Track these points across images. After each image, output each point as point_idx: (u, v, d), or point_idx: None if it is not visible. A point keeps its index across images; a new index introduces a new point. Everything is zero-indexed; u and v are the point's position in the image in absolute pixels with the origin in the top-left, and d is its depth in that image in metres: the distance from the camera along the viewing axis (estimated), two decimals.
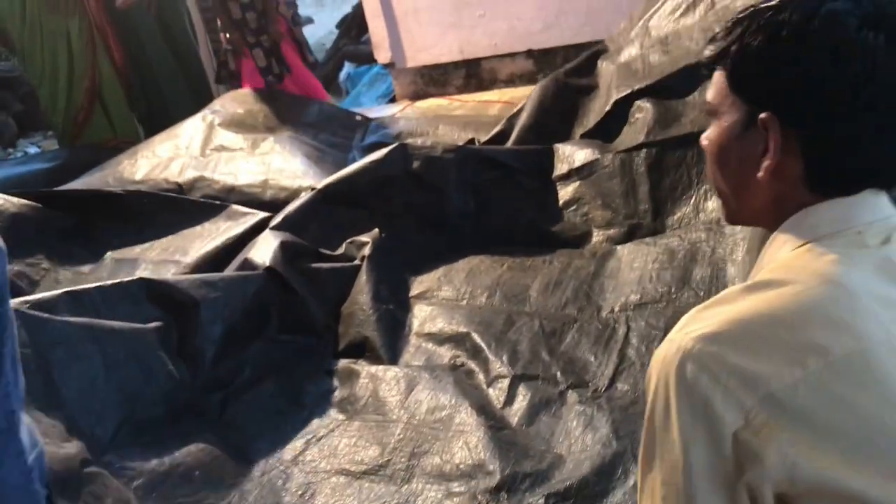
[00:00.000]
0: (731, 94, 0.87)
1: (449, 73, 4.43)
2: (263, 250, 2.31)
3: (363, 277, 2.39)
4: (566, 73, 3.05)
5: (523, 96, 3.84)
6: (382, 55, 4.46)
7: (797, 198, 0.84)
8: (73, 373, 1.72)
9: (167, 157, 3.24)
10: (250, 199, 2.88)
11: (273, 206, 2.77)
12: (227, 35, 3.83)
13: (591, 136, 2.76)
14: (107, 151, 3.71)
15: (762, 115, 0.83)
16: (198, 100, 4.08)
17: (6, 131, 5.75)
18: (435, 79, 4.45)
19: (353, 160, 3.35)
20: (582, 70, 2.97)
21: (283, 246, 2.31)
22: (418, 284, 2.49)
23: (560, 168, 2.72)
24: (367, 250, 2.46)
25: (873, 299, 0.78)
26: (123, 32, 4.05)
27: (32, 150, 5.52)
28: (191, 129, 3.39)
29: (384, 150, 2.68)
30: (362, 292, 2.35)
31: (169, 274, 2.44)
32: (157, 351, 1.88)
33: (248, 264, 2.27)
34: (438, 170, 2.64)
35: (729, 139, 0.88)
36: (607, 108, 2.68)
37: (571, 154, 2.71)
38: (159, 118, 3.95)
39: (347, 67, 5.33)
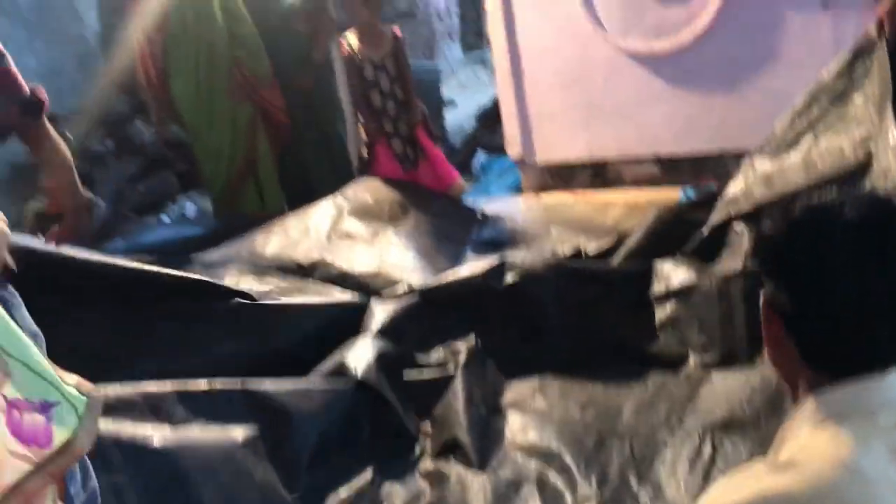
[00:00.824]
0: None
1: (575, 171, 4.55)
2: (360, 358, 2.47)
3: (458, 382, 2.50)
4: (685, 208, 3.10)
5: (646, 200, 3.91)
6: (513, 150, 4.65)
7: (806, 375, 0.91)
8: (171, 484, 1.89)
9: (296, 237, 3.52)
10: (363, 286, 3.08)
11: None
12: (367, 124, 4.14)
13: (691, 254, 2.80)
14: (254, 222, 4.06)
15: (762, 297, 0.92)
16: (340, 184, 4.44)
17: (169, 188, 6.42)
18: (562, 175, 4.58)
19: (466, 253, 3.51)
20: (701, 205, 3.00)
21: (380, 357, 2.46)
22: (512, 393, 2.58)
23: (658, 287, 2.76)
24: (462, 356, 2.58)
25: (887, 485, 0.82)
26: (286, 117, 4.46)
27: (190, 206, 6.13)
28: (321, 213, 3.68)
29: (485, 265, 2.82)
30: (456, 397, 2.47)
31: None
32: (252, 458, 2.04)
33: (342, 369, 2.43)
34: (537, 284, 2.75)
35: (763, 313, 0.96)
36: (706, 232, 2.72)
37: (670, 274, 2.75)
38: (304, 198, 4.30)
39: (481, 155, 5.57)
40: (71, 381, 1.30)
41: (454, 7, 10.14)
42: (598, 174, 4.50)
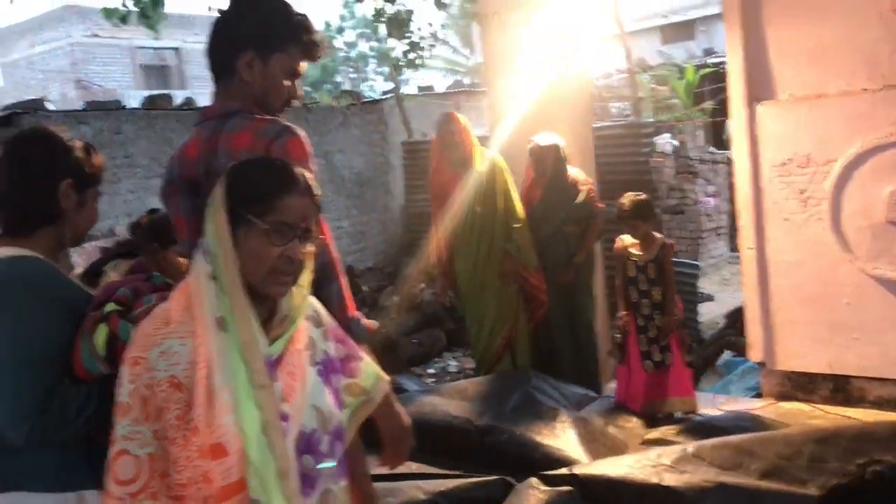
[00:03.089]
0: None
1: (816, 382, 4.64)
2: None
3: None
4: None
5: (891, 423, 3.89)
6: (755, 354, 4.86)
7: None
8: None
9: None
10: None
11: None
12: (622, 316, 4.63)
13: None
14: None
15: None
16: (585, 372, 4.97)
17: (437, 344, 7.33)
18: (802, 385, 4.69)
19: None
20: None
21: None
22: None
23: None
24: None
25: None
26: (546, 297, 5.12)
27: (453, 363, 6.94)
28: None
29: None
30: None
31: None
32: None
33: None
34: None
35: None
36: None
37: None
38: (547, 372, 4.85)
39: (727, 354, 5.80)
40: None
41: (724, 206, 10.52)
42: (840, 388, 4.56)
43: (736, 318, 6.01)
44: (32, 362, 1.72)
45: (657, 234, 4.63)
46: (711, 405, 4.71)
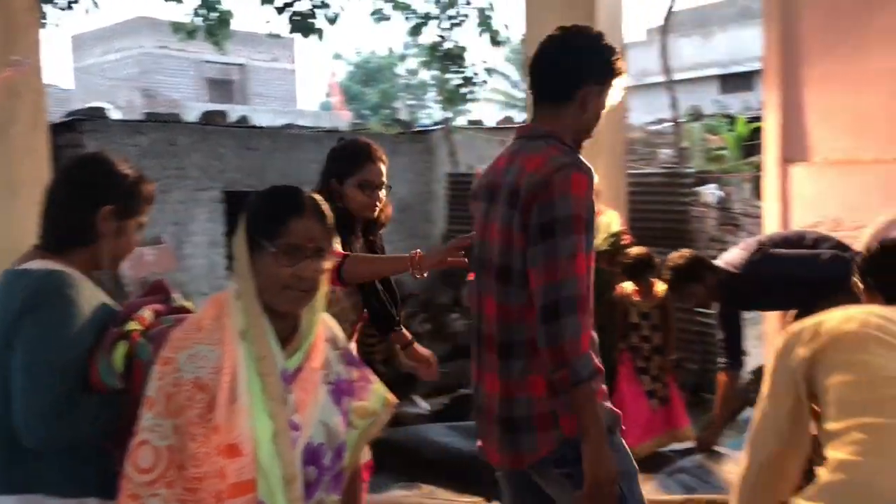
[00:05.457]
0: None
1: None
2: None
3: None
4: None
5: None
6: None
7: None
8: None
9: None
10: None
11: None
12: (620, 354, 4.71)
13: None
14: None
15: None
16: None
17: (465, 375, 7.34)
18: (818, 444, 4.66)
19: None
20: None
21: None
22: None
23: None
24: None
25: None
26: None
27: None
28: None
29: None
30: None
31: None
32: None
33: None
34: None
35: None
36: None
37: None
38: None
39: (749, 410, 5.76)
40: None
41: None
42: None
43: (760, 375, 5.96)
44: (55, 368, 1.78)
45: (658, 284, 4.70)
46: (733, 462, 4.69)
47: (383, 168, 2.95)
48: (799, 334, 1.80)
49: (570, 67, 2.14)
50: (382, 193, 2.95)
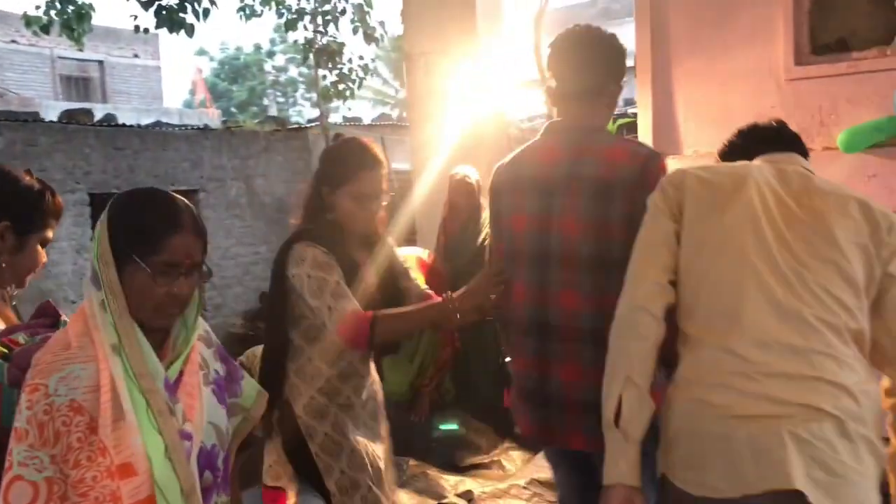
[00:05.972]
0: None
1: None
2: None
3: None
4: None
5: None
6: None
7: None
8: None
9: None
10: None
11: None
12: None
13: None
14: None
15: None
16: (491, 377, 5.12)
17: None
18: None
19: None
20: None
21: None
22: None
23: None
24: None
25: None
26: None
27: None
28: None
29: None
30: None
31: None
32: None
33: None
34: None
35: None
36: None
37: None
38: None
39: None
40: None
41: None
42: None
43: None
44: None
45: None
46: None
47: (383, 174, 2.52)
48: None
49: (603, 69, 2.33)
50: (382, 203, 2.55)
